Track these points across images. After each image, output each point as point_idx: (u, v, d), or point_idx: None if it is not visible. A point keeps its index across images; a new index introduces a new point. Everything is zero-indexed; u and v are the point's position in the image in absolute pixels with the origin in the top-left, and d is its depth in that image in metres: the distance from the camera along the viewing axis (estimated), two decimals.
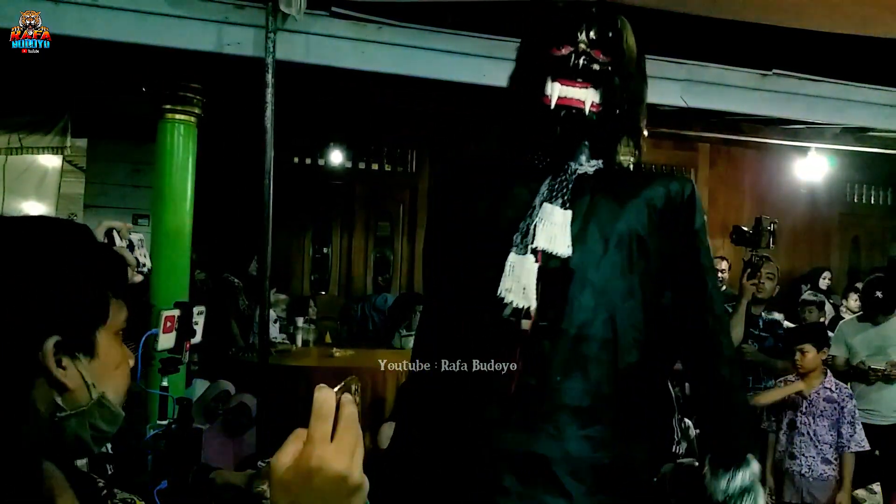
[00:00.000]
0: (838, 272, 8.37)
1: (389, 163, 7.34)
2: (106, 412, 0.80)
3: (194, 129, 3.98)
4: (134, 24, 3.45)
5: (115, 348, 0.83)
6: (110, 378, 0.81)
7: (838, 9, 3.87)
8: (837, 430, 3.27)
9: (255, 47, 3.62)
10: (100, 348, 0.80)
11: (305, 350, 5.53)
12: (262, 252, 3.67)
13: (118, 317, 0.84)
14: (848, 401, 3.32)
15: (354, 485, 0.64)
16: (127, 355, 0.87)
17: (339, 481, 0.62)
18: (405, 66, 3.93)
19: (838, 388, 3.37)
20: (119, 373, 0.84)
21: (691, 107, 4.55)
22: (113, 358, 0.82)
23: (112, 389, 0.81)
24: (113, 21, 3.39)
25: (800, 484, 3.25)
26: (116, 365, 0.83)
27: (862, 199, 8.99)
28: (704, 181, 8.19)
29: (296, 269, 7.10)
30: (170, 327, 2.06)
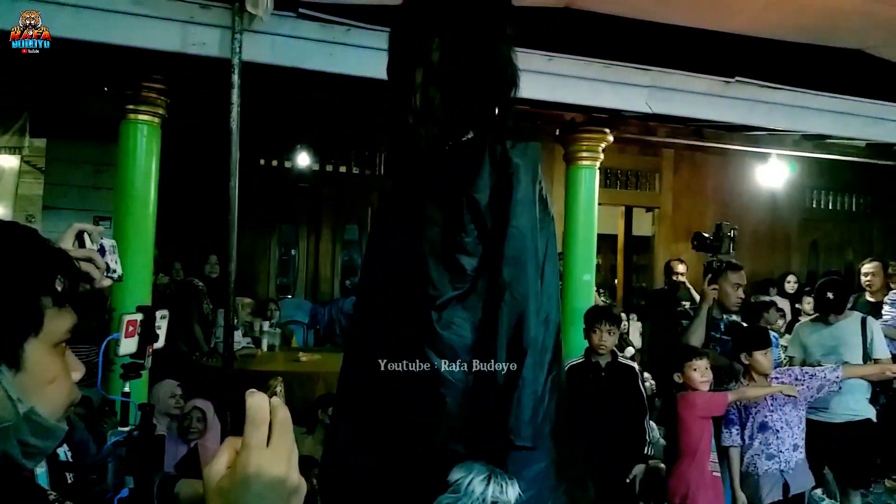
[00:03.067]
0: (798, 276, 8.56)
1: (357, 165, 7.31)
2: (37, 427, 0.75)
3: (158, 130, 3.92)
4: (96, 23, 3.38)
5: (50, 360, 0.77)
6: (42, 392, 0.76)
7: (797, 20, 3.96)
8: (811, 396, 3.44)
9: (220, 48, 3.57)
10: (28, 361, 0.74)
11: (271, 355, 5.47)
12: (227, 255, 3.62)
13: (58, 326, 0.78)
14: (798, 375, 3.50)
15: (293, 487, 0.64)
16: (69, 367, 0.81)
17: (278, 486, 0.62)
18: (373, 68, 3.89)
19: (780, 373, 3.52)
20: (55, 387, 0.78)
21: (656, 113, 4.62)
22: (47, 371, 0.76)
23: (45, 404, 0.76)
24: (74, 18, 3.32)
25: (780, 481, 3.30)
26: (51, 378, 0.77)
27: (821, 205, 9.22)
28: (669, 186, 8.32)
29: (261, 272, 7.03)
30: (132, 332, 2.01)
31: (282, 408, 0.65)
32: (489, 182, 1.30)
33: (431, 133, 1.35)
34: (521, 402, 1.26)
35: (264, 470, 0.62)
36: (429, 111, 1.34)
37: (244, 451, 0.62)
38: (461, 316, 1.29)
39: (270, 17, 3.54)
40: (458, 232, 1.29)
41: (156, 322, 2.08)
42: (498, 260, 1.29)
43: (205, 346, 5.18)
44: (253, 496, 0.61)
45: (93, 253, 1.26)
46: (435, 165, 1.36)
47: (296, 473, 0.65)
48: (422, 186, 1.34)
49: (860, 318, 4.01)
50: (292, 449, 0.65)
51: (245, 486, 0.61)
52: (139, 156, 3.85)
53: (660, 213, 8.32)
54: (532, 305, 1.30)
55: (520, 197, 1.31)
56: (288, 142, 6.91)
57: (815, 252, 9.21)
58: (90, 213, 5.83)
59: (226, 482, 0.62)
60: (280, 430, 0.63)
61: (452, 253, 1.29)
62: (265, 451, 0.62)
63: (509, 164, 1.31)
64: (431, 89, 1.35)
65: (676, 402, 3.29)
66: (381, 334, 1.35)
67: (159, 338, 2.10)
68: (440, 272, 1.28)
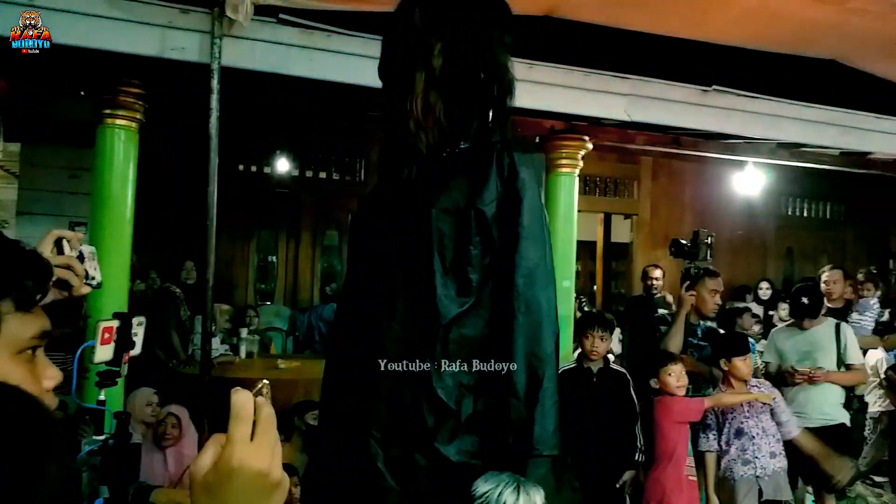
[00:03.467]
0: (774, 282, 8.67)
1: (337, 171, 7.29)
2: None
3: (135, 135, 3.88)
4: (73, 27, 3.34)
5: (10, 368, 0.74)
6: None
7: (772, 30, 4.02)
8: (777, 421, 3.44)
9: (200, 53, 3.55)
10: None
11: (249, 362, 5.42)
12: (205, 261, 3.59)
13: (21, 332, 0.75)
14: (776, 392, 3.55)
15: (275, 481, 0.65)
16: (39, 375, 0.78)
17: (261, 479, 0.64)
18: (355, 74, 3.91)
19: (760, 383, 3.56)
20: None
21: (635, 121, 4.66)
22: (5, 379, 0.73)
23: None
24: (51, 22, 3.28)
25: (755, 487, 3.33)
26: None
27: (796, 213, 9.35)
28: (647, 193, 8.39)
29: (239, 278, 6.97)
30: (108, 339, 1.99)
31: (266, 406, 0.66)
32: (496, 194, 1.30)
33: (431, 139, 1.34)
34: (545, 413, 1.27)
35: (247, 464, 0.63)
36: (429, 117, 1.33)
37: (228, 446, 0.63)
38: (468, 327, 1.28)
39: (251, 22, 3.52)
40: (466, 244, 1.29)
41: (132, 329, 2.06)
42: (511, 271, 1.29)
43: (182, 354, 5.12)
44: (236, 489, 0.63)
45: (72, 260, 1.23)
46: (433, 172, 1.34)
47: (279, 468, 0.66)
48: (421, 194, 1.33)
49: (834, 323, 4.07)
50: (276, 445, 0.66)
51: (229, 479, 0.63)
52: (116, 161, 3.80)
53: (638, 219, 8.38)
54: (547, 315, 1.31)
55: (529, 208, 1.31)
56: (267, 147, 6.88)
57: (790, 259, 9.33)
58: (66, 219, 5.75)
59: (211, 476, 0.63)
60: (264, 426, 0.65)
61: (462, 266, 1.29)
62: (249, 445, 0.64)
63: (516, 175, 1.31)
64: (433, 94, 1.33)
65: (653, 407, 3.32)
66: (364, 336, 1.34)
67: (136, 345, 2.08)
68: (448, 284, 1.28)
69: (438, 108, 1.34)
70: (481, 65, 1.37)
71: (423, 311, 1.28)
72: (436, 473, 1.26)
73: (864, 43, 4.21)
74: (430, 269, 1.28)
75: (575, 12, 3.91)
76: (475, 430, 1.28)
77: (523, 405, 1.27)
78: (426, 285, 1.28)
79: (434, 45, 1.34)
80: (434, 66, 1.33)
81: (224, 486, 0.63)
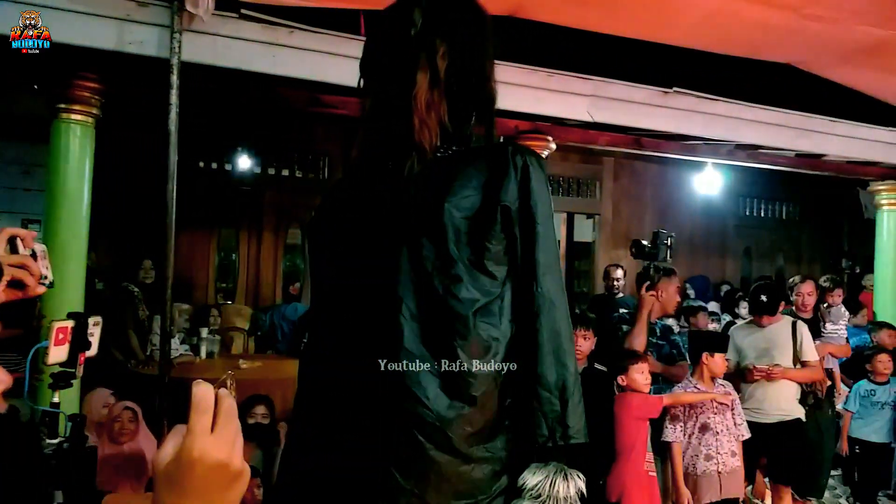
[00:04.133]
0: (732, 281, 8.87)
1: (301, 169, 7.22)
2: None
3: (92, 131, 3.78)
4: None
5: None
6: None
7: (730, 33, 4.10)
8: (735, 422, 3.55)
9: (159, 47, 3.48)
10: None
11: (210, 362, 5.34)
12: (164, 260, 3.53)
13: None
14: (735, 394, 3.64)
15: (236, 472, 0.66)
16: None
17: (221, 469, 0.65)
18: (318, 71, 3.87)
19: (725, 383, 3.65)
20: None
21: (597, 121, 4.71)
22: None
23: None
24: (2, 13, 3.19)
25: (717, 482, 3.42)
26: None
27: (753, 212, 9.56)
28: (609, 193, 8.50)
29: (200, 277, 6.86)
30: (62, 339, 1.94)
31: (227, 397, 0.67)
32: (517, 191, 1.33)
33: (435, 137, 1.35)
34: (577, 404, 1.33)
35: (208, 454, 0.64)
36: (433, 114, 1.34)
37: (188, 437, 0.64)
38: (489, 322, 1.31)
39: (211, 17, 3.47)
40: (485, 240, 1.31)
41: (88, 329, 2.01)
42: (534, 269, 1.33)
43: (141, 354, 5.02)
44: (197, 479, 0.64)
45: (27, 259, 1.19)
46: (435, 169, 1.34)
47: (239, 459, 0.67)
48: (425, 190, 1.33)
49: (791, 321, 4.16)
50: (237, 436, 0.67)
51: (189, 469, 0.64)
52: (72, 157, 3.71)
53: (601, 219, 8.48)
54: (565, 311, 1.36)
55: (543, 208, 1.35)
56: (229, 144, 6.78)
57: (748, 258, 9.54)
58: (18, 216, 5.60)
59: (172, 467, 0.64)
60: (225, 417, 0.66)
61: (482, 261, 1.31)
62: (209, 436, 0.64)
63: (530, 176, 1.34)
64: (436, 93, 1.35)
65: (614, 403, 3.36)
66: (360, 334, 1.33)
67: (92, 345, 2.03)
68: (468, 279, 1.29)
69: (443, 108, 1.36)
70: (476, 71, 1.41)
71: (441, 305, 1.29)
72: (454, 470, 1.27)
73: (819, 48, 4.32)
74: (449, 261, 1.29)
75: (538, 13, 3.93)
76: (498, 424, 1.30)
77: (557, 398, 1.31)
78: (445, 280, 1.29)
79: (439, 45, 1.36)
80: (439, 66, 1.35)
81: (185, 477, 0.64)
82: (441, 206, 1.30)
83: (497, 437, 1.30)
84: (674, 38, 4.23)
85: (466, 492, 1.27)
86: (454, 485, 1.27)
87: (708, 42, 4.31)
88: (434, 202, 1.31)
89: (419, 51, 1.35)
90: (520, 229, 1.33)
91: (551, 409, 1.31)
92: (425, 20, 1.37)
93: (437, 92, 1.35)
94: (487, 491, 1.29)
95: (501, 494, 1.30)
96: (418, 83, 1.34)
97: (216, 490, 0.65)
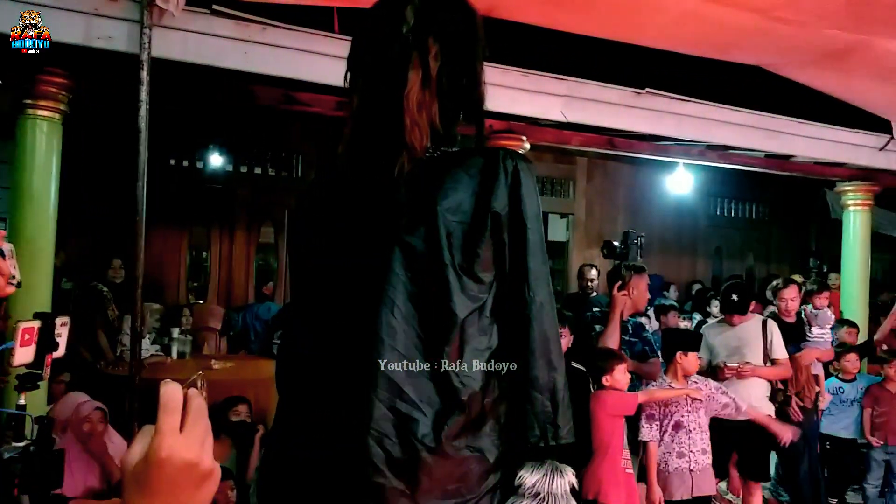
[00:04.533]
0: (703, 280, 8.98)
1: (273, 167, 7.15)
2: None
3: (59, 127, 3.71)
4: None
5: None
6: None
7: (700, 35, 4.15)
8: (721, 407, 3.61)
9: (128, 42, 3.43)
10: None
11: (182, 362, 5.27)
12: (135, 259, 3.47)
13: None
14: (712, 386, 3.68)
15: (205, 471, 0.66)
16: None
17: (190, 469, 0.64)
18: (290, 68, 3.84)
19: (698, 379, 3.69)
20: None
21: (571, 122, 4.74)
22: None
23: None
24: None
25: (688, 479, 3.46)
26: None
27: (724, 212, 9.69)
28: (582, 193, 8.56)
29: (171, 276, 6.77)
30: (28, 340, 1.90)
31: (197, 397, 0.66)
32: (507, 197, 1.33)
33: (426, 138, 1.34)
34: (566, 405, 1.36)
35: (176, 454, 0.63)
36: (424, 115, 1.34)
37: (157, 436, 0.63)
38: (479, 326, 1.32)
39: (182, 12, 3.42)
40: (477, 245, 1.31)
41: (55, 330, 1.97)
42: (524, 274, 1.34)
43: (110, 354, 4.94)
44: (165, 479, 0.63)
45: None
46: (425, 171, 1.34)
47: (209, 458, 0.66)
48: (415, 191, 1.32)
49: (761, 320, 4.23)
50: (206, 435, 0.66)
51: (158, 469, 0.63)
52: (38, 153, 3.63)
53: (574, 219, 8.54)
54: (553, 316, 1.38)
55: (532, 213, 1.35)
56: (200, 141, 6.70)
57: (719, 257, 9.67)
58: None
59: (140, 467, 0.64)
60: (194, 417, 0.65)
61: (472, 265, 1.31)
62: (178, 436, 0.64)
63: (520, 182, 1.34)
64: (427, 93, 1.34)
65: (589, 401, 3.39)
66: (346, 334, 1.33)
67: (59, 346, 1.99)
68: (459, 283, 1.30)
69: (434, 108, 1.35)
70: (467, 72, 1.40)
71: (431, 308, 1.30)
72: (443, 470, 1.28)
73: (787, 51, 4.39)
74: (442, 264, 1.29)
75: (513, 13, 3.94)
76: (481, 426, 1.32)
77: (548, 400, 1.34)
78: (438, 283, 1.29)
79: (431, 45, 1.35)
80: (431, 66, 1.34)
81: (153, 477, 0.63)
82: (434, 209, 1.30)
83: (485, 438, 1.32)
84: (646, 39, 4.27)
85: (455, 491, 1.29)
86: (443, 484, 1.28)
87: (679, 43, 4.36)
88: (427, 204, 1.30)
89: (411, 49, 1.34)
90: (510, 236, 1.33)
91: (543, 410, 1.33)
92: (417, 18, 1.36)
93: (429, 92, 1.34)
94: (475, 490, 1.30)
95: (489, 493, 1.32)
96: (410, 82, 1.32)
97: (185, 490, 0.65)
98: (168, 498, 0.64)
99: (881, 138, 5.83)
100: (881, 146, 5.86)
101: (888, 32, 3.90)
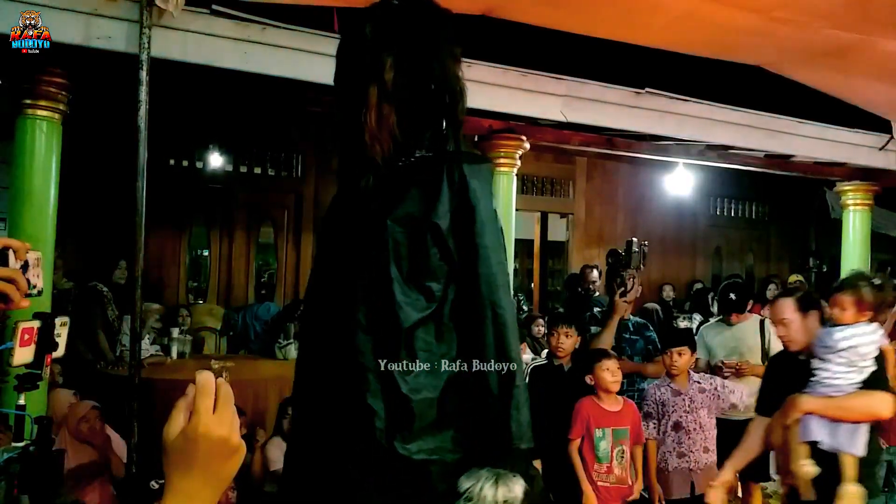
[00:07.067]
0: (703, 280, 8.98)
1: (273, 167, 7.14)
2: None
3: (58, 127, 3.70)
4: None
5: None
6: None
7: (700, 35, 4.15)
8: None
9: (128, 42, 3.42)
10: None
11: (181, 362, 5.27)
12: (134, 259, 3.47)
13: None
14: (718, 384, 3.69)
15: (234, 446, 0.78)
16: None
17: (223, 444, 0.77)
18: (290, 68, 3.84)
19: (702, 378, 3.71)
20: None
21: (570, 122, 4.74)
22: None
23: None
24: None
25: (689, 478, 3.49)
26: None
27: (724, 212, 9.68)
28: (582, 193, 8.55)
29: (170, 276, 6.77)
30: (27, 340, 1.90)
31: (225, 384, 0.79)
32: (448, 207, 1.35)
33: (386, 150, 1.37)
34: (520, 409, 1.36)
35: (211, 431, 0.76)
36: (384, 129, 1.37)
37: (195, 416, 0.76)
38: (431, 332, 1.35)
39: (182, 12, 3.42)
40: (423, 255, 1.34)
41: (55, 330, 1.97)
42: (475, 280, 1.35)
43: (110, 355, 4.94)
44: (202, 452, 0.76)
45: (16, 273, 1.16)
46: (388, 183, 1.38)
47: (237, 436, 0.78)
48: (376, 204, 1.36)
49: (759, 320, 4.23)
50: (234, 416, 0.79)
51: (195, 444, 0.75)
52: (37, 154, 3.63)
53: (574, 218, 8.53)
54: (511, 318, 1.39)
55: (483, 218, 1.37)
56: (200, 141, 6.69)
57: (718, 257, 9.66)
58: None
59: (180, 441, 0.76)
60: (223, 400, 0.78)
61: (419, 275, 1.34)
62: (212, 416, 0.76)
63: (467, 187, 1.36)
64: (386, 107, 1.37)
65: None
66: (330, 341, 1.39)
67: (59, 346, 1.99)
68: (407, 292, 1.33)
69: (392, 120, 1.38)
70: (431, 76, 1.42)
71: (384, 317, 1.33)
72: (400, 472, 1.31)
73: (787, 51, 4.39)
74: (388, 277, 1.33)
75: (512, 12, 3.94)
76: (439, 430, 1.34)
77: (499, 403, 1.35)
78: (385, 293, 1.33)
79: (385, 59, 1.38)
80: (386, 79, 1.37)
81: (191, 450, 0.75)
82: (384, 223, 1.34)
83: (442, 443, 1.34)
84: (646, 39, 4.27)
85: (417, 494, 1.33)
86: (410, 487, 1.32)
87: (679, 43, 4.36)
88: (380, 218, 1.35)
89: (369, 66, 1.39)
90: (456, 243, 1.35)
91: (495, 414, 1.35)
92: (374, 34, 1.40)
93: (387, 105, 1.38)
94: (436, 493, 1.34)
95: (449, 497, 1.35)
96: (369, 100, 1.37)
97: (217, 461, 0.77)
98: (203, 468, 0.76)
99: (881, 138, 5.83)
100: (881, 146, 5.86)
101: (888, 32, 3.90)
